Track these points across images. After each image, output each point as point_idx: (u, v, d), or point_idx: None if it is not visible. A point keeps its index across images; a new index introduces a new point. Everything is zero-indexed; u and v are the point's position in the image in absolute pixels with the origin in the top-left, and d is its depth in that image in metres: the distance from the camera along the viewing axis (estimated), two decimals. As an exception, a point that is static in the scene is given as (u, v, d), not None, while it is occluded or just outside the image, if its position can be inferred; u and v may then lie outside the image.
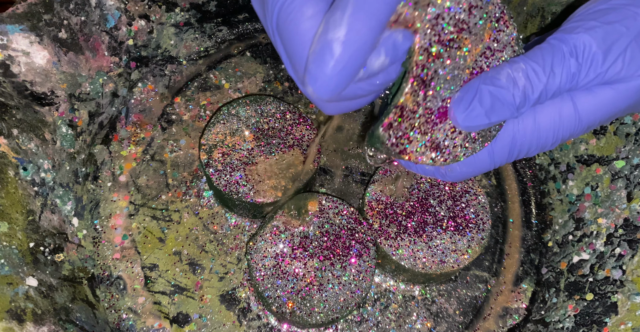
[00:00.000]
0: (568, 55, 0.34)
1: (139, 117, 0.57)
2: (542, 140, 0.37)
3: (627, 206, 0.44)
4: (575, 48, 0.34)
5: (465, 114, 0.35)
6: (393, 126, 0.35)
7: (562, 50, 0.34)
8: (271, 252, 0.46)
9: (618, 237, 0.44)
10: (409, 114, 0.35)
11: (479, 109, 0.35)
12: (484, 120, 0.35)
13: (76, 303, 0.44)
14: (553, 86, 0.34)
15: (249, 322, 0.49)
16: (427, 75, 0.34)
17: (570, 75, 0.34)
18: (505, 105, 0.34)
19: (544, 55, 0.34)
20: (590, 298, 0.44)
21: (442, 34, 0.34)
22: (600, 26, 0.34)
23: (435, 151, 0.36)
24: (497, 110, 0.34)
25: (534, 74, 0.34)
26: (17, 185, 0.43)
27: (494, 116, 0.35)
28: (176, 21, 0.58)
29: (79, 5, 0.48)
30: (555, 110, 0.36)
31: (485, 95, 0.34)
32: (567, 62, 0.34)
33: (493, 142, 0.37)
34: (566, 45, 0.34)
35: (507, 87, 0.34)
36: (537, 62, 0.34)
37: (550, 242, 0.52)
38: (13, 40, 0.43)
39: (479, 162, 0.38)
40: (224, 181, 0.48)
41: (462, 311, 0.50)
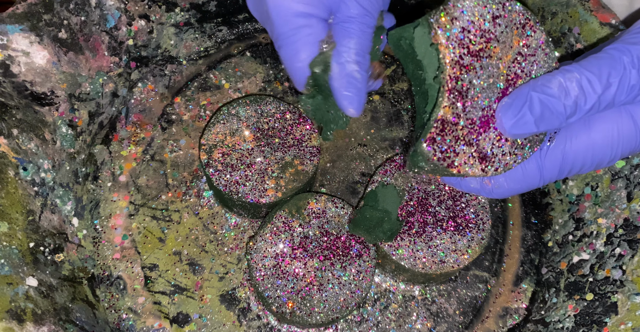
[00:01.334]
0: (629, 66, 0.32)
1: (139, 117, 0.57)
2: (597, 157, 0.36)
3: (627, 206, 0.44)
4: (638, 59, 0.32)
5: (514, 121, 0.34)
6: (436, 141, 0.34)
7: (622, 61, 0.32)
8: (271, 252, 0.46)
9: (618, 237, 0.44)
10: (450, 126, 0.35)
11: (528, 116, 0.34)
12: (533, 129, 0.34)
13: (76, 303, 0.44)
14: (608, 97, 0.33)
15: (249, 322, 0.49)
16: (462, 87, 0.34)
17: (628, 88, 0.32)
18: (554, 115, 0.33)
19: (600, 65, 0.33)
20: (590, 298, 0.44)
21: (471, 45, 0.34)
22: None
23: (484, 162, 0.35)
24: (547, 119, 0.34)
25: (588, 84, 0.33)
26: (17, 185, 0.43)
27: (542, 125, 0.34)
28: (176, 21, 0.58)
29: (79, 5, 0.48)
30: (612, 126, 0.34)
31: (535, 103, 0.34)
32: (627, 74, 0.32)
33: (544, 158, 0.36)
34: (627, 55, 0.32)
35: (558, 97, 0.33)
36: (592, 71, 0.33)
37: (550, 242, 0.52)
38: (13, 40, 0.43)
39: (528, 178, 0.37)
40: (224, 181, 0.48)
41: (462, 311, 0.50)
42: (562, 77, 0.33)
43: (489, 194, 0.39)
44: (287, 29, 0.37)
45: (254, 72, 0.61)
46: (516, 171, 0.37)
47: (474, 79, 0.35)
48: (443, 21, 0.34)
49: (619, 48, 0.33)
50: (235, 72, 0.61)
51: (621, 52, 0.32)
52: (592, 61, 0.33)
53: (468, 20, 0.34)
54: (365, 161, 0.56)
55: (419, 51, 0.36)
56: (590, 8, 0.48)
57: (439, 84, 0.35)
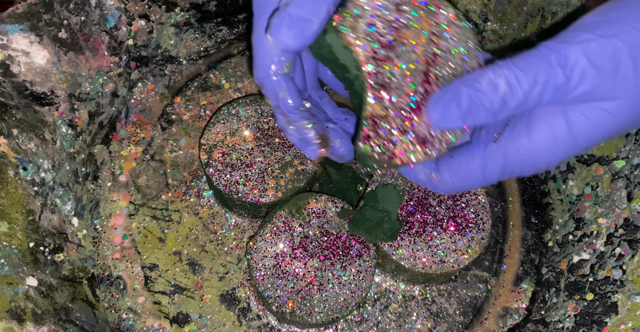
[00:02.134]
0: (556, 65, 0.32)
1: (139, 117, 0.57)
2: (536, 160, 0.36)
3: (628, 205, 0.44)
4: (565, 59, 0.32)
5: (441, 114, 0.35)
6: (371, 137, 0.35)
7: (550, 59, 0.32)
8: (271, 252, 0.46)
9: (618, 237, 0.44)
10: (380, 119, 0.35)
11: (455, 110, 0.34)
12: (459, 123, 0.35)
13: (76, 303, 0.44)
14: (533, 96, 0.33)
15: (249, 322, 0.49)
16: (383, 79, 0.35)
17: (554, 87, 0.32)
18: (482, 110, 0.34)
19: (530, 62, 0.33)
20: (590, 298, 0.44)
21: (381, 37, 0.35)
22: (595, 39, 0.32)
23: (424, 145, 0.36)
24: (474, 114, 0.34)
25: (516, 82, 0.33)
26: (17, 185, 0.43)
27: (469, 119, 0.34)
28: (176, 21, 0.58)
29: (79, 5, 0.48)
30: (550, 130, 0.34)
31: (463, 97, 0.34)
32: (554, 73, 0.32)
33: (487, 159, 0.36)
34: (555, 55, 0.32)
35: (486, 92, 0.33)
36: (521, 69, 0.33)
37: (551, 242, 0.52)
38: (13, 40, 0.43)
39: (471, 176, 0.38)
40: (224, 181, 0.48)
41: (462, 310, 0.50)
42: (492, 73, 0.33)
43: (434, 188, 0.40)
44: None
45: (254, 72, 0.61)
46: (460, 168, 0.38)
47: (393, 68, 0.35)
48: (348, 22, 0.35)
49: (550, 46, 0.33)
50: (235, 72, 0.61)
51: (551, 51, 0.32)
52: (523, 58, 0.33)
53: (371, 15, 0.35)
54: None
55: (339, 55, 0.37)
56: (591, 8, 0.48)
57: (362, 82, 0.35)
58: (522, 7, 0.54)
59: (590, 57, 0.32)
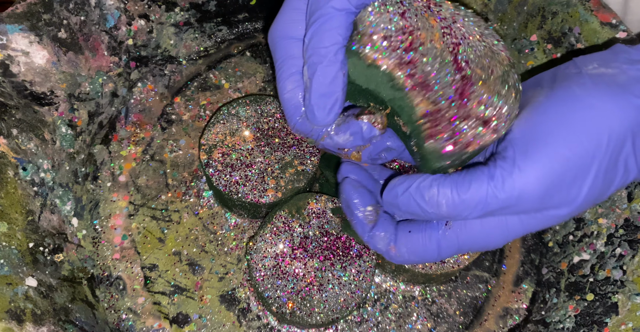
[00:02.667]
0: (492, 191, 0.34)
1: (138, 117, 0.57)
2: (490, 242, 0.38)
3: (628, 206, 0.44)
4: (503, 185, 0.34)
5: (385, 207, 0.40)
6: (437, 133, 0.36)
7: (487, 186, 0.34)
8: (271, 253, 0.46)
9: (619, 237, 0.44)
10: (436, 115, 0.36)
11: (397, 211, 0.39)
12: (397, 212, 0.39)
13: (76, 303, 0.44)
14: (474, 214, 0.35)
15: (249, 323, 0.49)
16: (419, 79, 0.35)
17: (495, 208, 0.34)
18: (421, 216, 0.37)
19: (471, 188, 0.34)
20: (590, 298, 0.44)
21: (400, 44, 0.35)
22: (530, 166, 0.34)
23: (488, 124, 0.36)
24: (413, 216, 0.38)
25: (458, 205, 0.35)
26: (16, 185, 0.43)
27: (407, 216, 0.39)
28: (176, 21, 0.58)
29: (79, 5, 0.48)
30: (502, 221, 0.36)
31: (402, 203, 0.38)
32: (489, 200, 0.34)
33: (441, 240, 0.39)
34: (495, 181, 0.34)
35: (430, 208, 0.36)
36: (460, 193, 0.35)
37: (551, 242, 0.52)
38: (12, 40, 0.43)
39: (426, 254, 0.40)
40: (224, 181, 0.48)
41: (463, 311, 0.50)
42: (437, 189, 0.36)
43: (390, 259, 0.42)
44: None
45: (253, 72, 0.60)
46: (417, 245, 0.39)
47: (424, 66, 0.35)
48: (363, 42, 0.36)
49: (491, 173, 0.34)
50: (235, 72, 0.60)
51: (491, 178, 0.34)
52: (466, 180, 0.35)
53: (383, 28, 0.36)
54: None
55: (360, 81, 0.38)
56: (591, 8, 0.48)
57: (400, 90, 0.36)
58: (522, 7, 0.54)
59: (526, 183, 0.33)
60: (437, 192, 0.35)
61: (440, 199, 0.35)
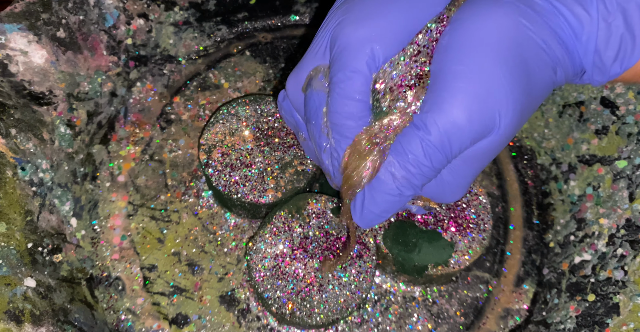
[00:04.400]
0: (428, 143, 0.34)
1: (137, 116, 0.57)
2: (447, 194, 0.39)
3: (629, 206, 0.44)
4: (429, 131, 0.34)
5: (361, 219, 0.39)
6: (382, 94, 0.36)
7: (418, 136, 0.34)
8: (271, 253, 0.46)
9: (620, 237, 0.44)
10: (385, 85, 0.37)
11: (370, 212, 0.38)
12: (380, 219, 0.38)
13: (75, 304, 0.44)
14: (430, 171, 0.35)
15: (249, 323, 0.48)
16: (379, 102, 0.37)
17: (438, 162, 0.35)
18: (393, 199, 0.37)
19: (403, 144, 0.35)
20: (592, 299, 0.44)
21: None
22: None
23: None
24: (389, 207, 0.37)
25: (408, 165, 0.35)
26: (15, 185, 0.43)
27: (385, 212, 0.38)
28: (175, 20, 0.58)
29: (78, 4, 0.48)
30: (448, 169, 0.37)
31: (376, 201, 0.37)
32: (430, 152, 0.34)
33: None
34: (423, 131, 0.34)
35: (387, 182, 0.36)
36: (401, 155, 0.35)
37: (552, 242, 0.52)
38: (11, 40, 0.43)
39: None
40: (224, 181, 0.48)
41: (463, 311, 0.50)
42: (386, 165, 0.36)
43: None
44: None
45: (253, 72, 0.60)
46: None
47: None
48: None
49: (414, 125, 0.35)
50: (235, 71, 0.60)
51: (416, 128, 0.34)
52: (400, 140, 0.35)
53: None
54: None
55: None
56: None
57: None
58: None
59: (449, 118, 0.33)
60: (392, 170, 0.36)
61: (394, 172, 0.36)
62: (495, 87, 0.33)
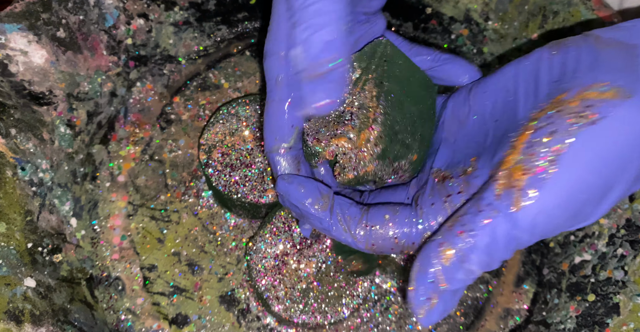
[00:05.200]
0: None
1: (137, 116, 0.57)
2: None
3: (630, 206, 0.44)
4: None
5: (428, 316, 0.34)
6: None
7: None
8: (271, 253, 0.46)
9: (620, 237, 0.44)
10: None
11: (440, 308, 0.33)
12: (444, 314, 0.34)
13: (74, 304, 0.44)
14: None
15: (249, 324, 0.48)
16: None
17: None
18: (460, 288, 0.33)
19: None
20: (592, 299, 0.44)
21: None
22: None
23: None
24: (447, 305, 0.33)
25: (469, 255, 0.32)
26: (15, 185, 0.43)
27: (454, 300, 0.34)
28: (175, 20, 0.58)
29: (78, 4, 0.48)
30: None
31: (442, 303, 0.33)
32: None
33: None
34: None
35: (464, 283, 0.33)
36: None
37: (552, 242, 0.52)
38: (11, 40, 0.43)
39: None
40: (224, 181, 0.48)
41: (463, 311, 0.50)
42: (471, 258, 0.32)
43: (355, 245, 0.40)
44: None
45: (253, 72, 0.60)
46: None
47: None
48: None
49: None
50: (235, 71, 0.60)
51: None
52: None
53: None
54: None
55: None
56: (592, 7, 0.48)
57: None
58: (523, 6, 0.54)
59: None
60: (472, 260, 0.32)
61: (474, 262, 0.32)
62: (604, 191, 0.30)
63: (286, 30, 0.37)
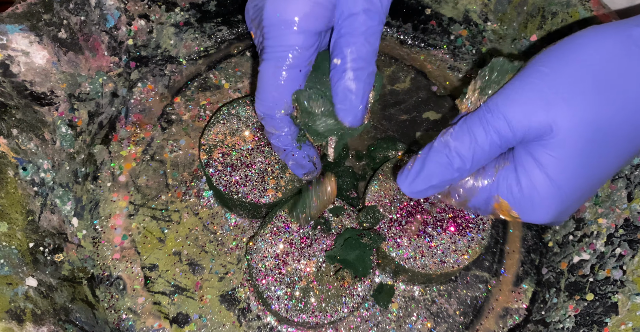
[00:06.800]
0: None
1: (138, 117, 0.57)
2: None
3: (628, 206, 0.44)
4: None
5: (406, 183, 0.38)
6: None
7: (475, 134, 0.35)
8: (271, 253, 0.46)
9: (618, 237, 0.44)
10: None
11: (417, 176, 0.37)
12: (424, 185, 0.38)
13: (76, 303, 0.44)
14: (483, 146, 0.35)
15: (249, 323, 0.49)
16: None
17: (491, 144, 0.35)
18: (441, 167, 0.36)
19: (467, 121, 0.36)
20: (590, 298, 0.44)
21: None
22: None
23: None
24: (436, 173, 0.37)
25: (462, 136, 0.35)
26: (16, 185, 0.43)
27: (434, 178, 0.37)
28: (176, 21, 0.58)
29: (79, 5, 0.48)
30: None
31: (419, 161, 0.37)
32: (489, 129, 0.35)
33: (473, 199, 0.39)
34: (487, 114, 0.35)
35: (439, 150, 0.36)
36: (460, 126, 0.36)
37: (551, 242, 0.52)
38: (13, 40, 0.43)
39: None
40: (224, 181, 0.48)
41: (463, 311, 0.50)
42: (442, 135, 0.37)
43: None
44: (279, 44, 0.39)
45: (253, 72, 0.60)
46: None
47: None
48: None
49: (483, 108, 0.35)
50: (235, 72, 0.60)
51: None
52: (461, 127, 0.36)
53: None
54: (363, 162, 0.56)
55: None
56: (591, 8, 0.48)
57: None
58: (522, 7, 0.54)
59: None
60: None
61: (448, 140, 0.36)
62: (566, 97, 0.33)
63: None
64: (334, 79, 0.40)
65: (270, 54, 0.39)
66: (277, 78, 0.40)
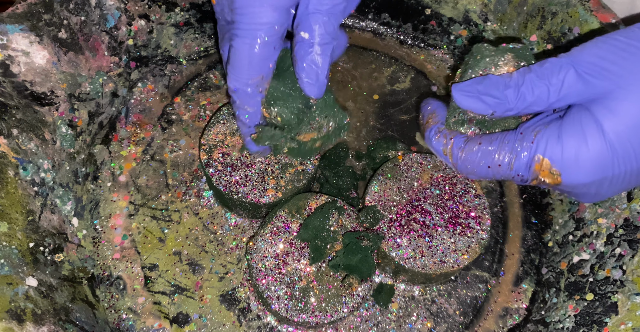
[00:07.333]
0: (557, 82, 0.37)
1: (138, 117, 0.57)
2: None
3: (628, 206, 0.44)
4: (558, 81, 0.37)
5: (459, 92, 0.40)
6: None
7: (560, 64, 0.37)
8: (271, 252, 0.46)
9: (618, 237, 0.44)
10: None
11: (472, 87, 0.40)
12: (472, 86, 0.40)
13: (76, 303, 0.44)
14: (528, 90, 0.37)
15: (249, 323, 0.49)
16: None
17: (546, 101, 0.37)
18: (492, 85, 0.39)
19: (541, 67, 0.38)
20: (590, 298, 0.44)
21: None
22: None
23: None
24: (487, 84, 0.39)
25: (524, 71, 0.38)
26: (16, 185, 0.43)
27: (482, 86, 0.39)
28: (176, 21, 0.58)
29: (79, 5, 0.48)
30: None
31: (478, 79, 0.40)
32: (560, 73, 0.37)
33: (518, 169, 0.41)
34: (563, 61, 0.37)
35: (500, 78, 0.39)
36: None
37: (551, 242, 0.52)
38: (13, 40, 0.43)
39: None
40: (224, 181, 0.48)
41: (462, 311, 0.50)
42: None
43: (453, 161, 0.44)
44: (254, 21, 0.40)
45: (254, 72, 0.60)
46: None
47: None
48: None
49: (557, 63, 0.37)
50: (235, 72, 0.60)
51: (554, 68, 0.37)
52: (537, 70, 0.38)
53: None
54: (363, 162, 0.56)
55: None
56: (591, 8, 0.48)
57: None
58: (522, 7, 0.54)
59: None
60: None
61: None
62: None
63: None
64: (300, 52, 0.41)
65: (245, 31, 0.40)
66: (252, 55, 0.41)
